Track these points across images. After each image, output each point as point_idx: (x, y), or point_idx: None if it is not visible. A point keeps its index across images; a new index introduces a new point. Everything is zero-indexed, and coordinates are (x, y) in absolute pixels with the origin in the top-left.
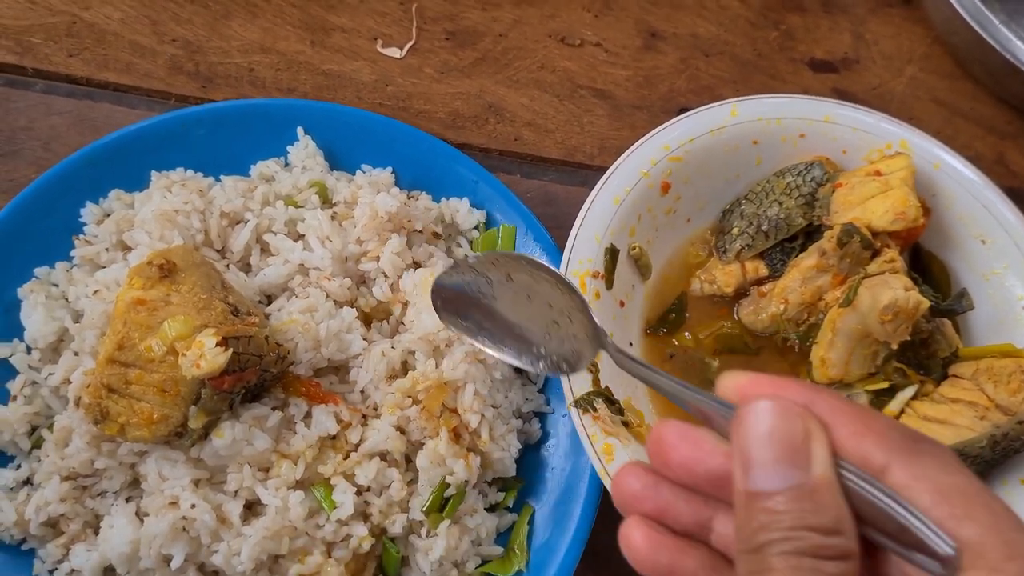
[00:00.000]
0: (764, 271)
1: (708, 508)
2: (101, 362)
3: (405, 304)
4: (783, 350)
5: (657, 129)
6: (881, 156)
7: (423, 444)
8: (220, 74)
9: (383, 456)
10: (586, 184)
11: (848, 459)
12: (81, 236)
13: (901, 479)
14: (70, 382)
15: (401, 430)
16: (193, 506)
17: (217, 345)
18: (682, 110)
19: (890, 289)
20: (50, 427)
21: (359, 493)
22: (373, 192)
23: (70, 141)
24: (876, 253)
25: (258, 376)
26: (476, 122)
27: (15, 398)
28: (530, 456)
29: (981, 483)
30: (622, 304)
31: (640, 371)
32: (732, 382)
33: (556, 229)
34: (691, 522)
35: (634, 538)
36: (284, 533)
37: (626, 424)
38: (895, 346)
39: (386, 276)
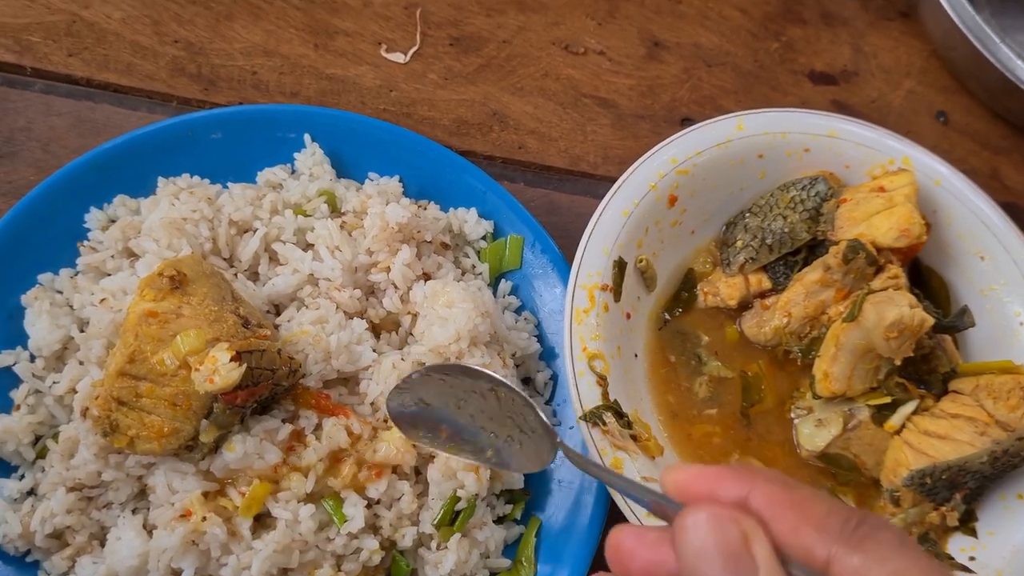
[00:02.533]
0: (767, 284)
1: None
2: (111, 375)
3: (415, 316)
4: (784, 363)
5: (664, 142)
6: (884, 172)
7: (434, 457)
8: (222, 76)
9: (393, 469)
10: (589, 193)
11: (791, 554)
12: (86, 243)
13: (847, 570)
14: (75, 391)
15: (412, 443)
16: (204, 519)
17: (231, 360)
18: (684, 120)
19: (896, 306)
20: (55, 437)
21: (369, 506)
22: (383, 202)
23: (70, 143)
24: (880, 269)
25: (270, 390)
26: (480, 129)
27: (19, 407)
28: None
29: (929, 559)
30: (628, 316)
31: (593, 470)
32: (672, 479)
33: (560, 238)
34: None
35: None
36: (294, 547)
37: (634, 438)
38: (898, 362)
39: (396, 287)
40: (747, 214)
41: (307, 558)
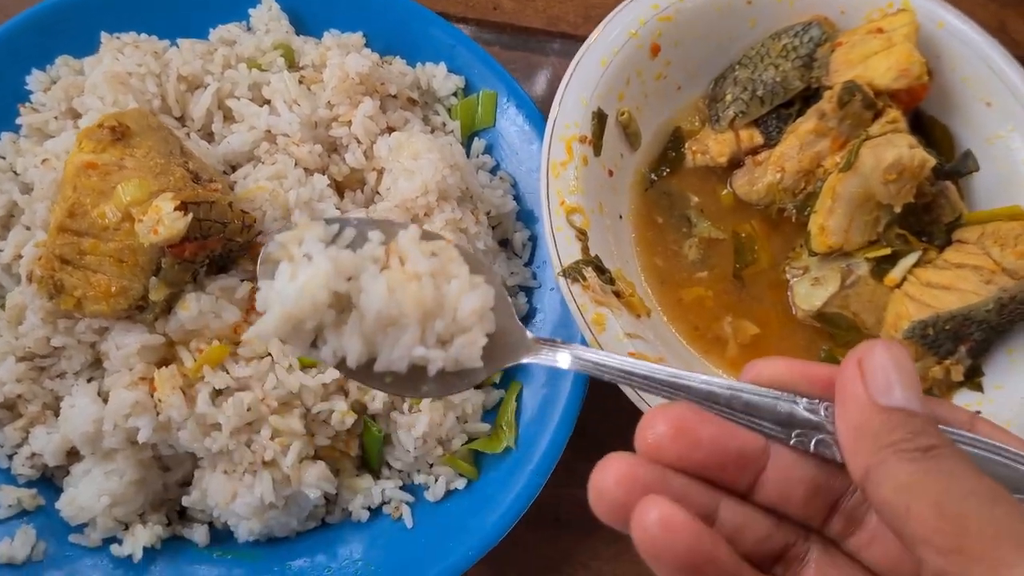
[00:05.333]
0: (759, 139)
1: (713, 495)
2: (52, 231)
3: (380, 171)
4: (778, 222)
5: None
6: (882, 14)
7: None
8: None
9: None
10: (570, 56)
11: None
12: (27, 104)
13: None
14: (21, 257)
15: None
16: (160, 401)
17: (176, 210)
18: None
19: (894, 147)
20: (1, 305)
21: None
22: (343, 54)
23: (10, 5)
24: (878, 114)
25: (223, 245)
26: None
27: None
28: None
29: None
30: (611, 173)
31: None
32: (773, 368)
33: (539, 102)
34: (701, 512)
35: (666, 520)
36: (261, 414)
37: (617, 294)
38: (898, 209)
39: (359, 142)
40: (736, 66)
41: (278, 424)
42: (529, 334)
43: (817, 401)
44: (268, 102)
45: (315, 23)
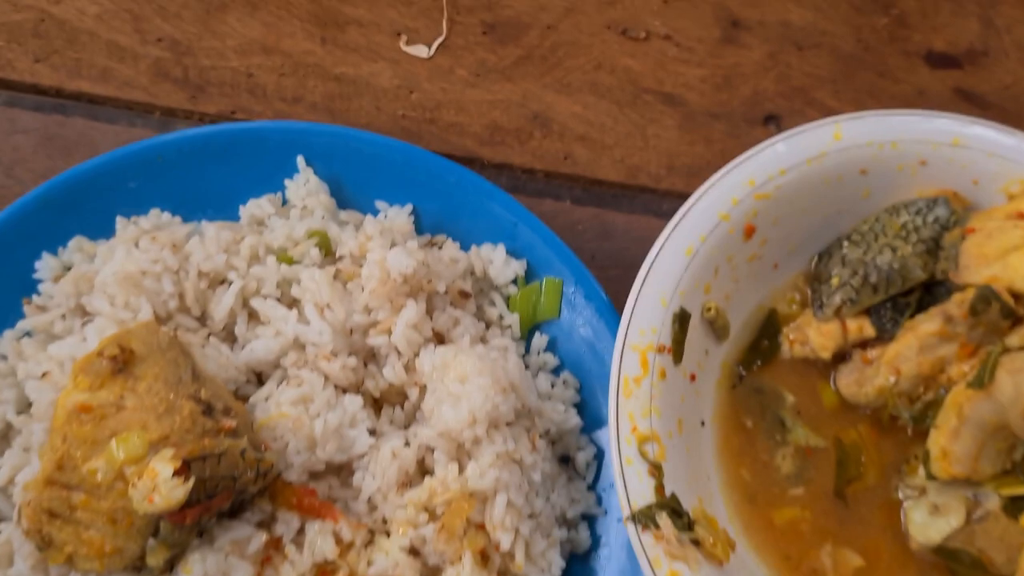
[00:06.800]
0: (870, 332)
1: None
2: (39, 482)
3: (423, 388)
4: (890, 428)
5: (740, 159)
6: (1022, 189)
7: (442, 571)
8: (213, 81)
9: None
10: (650, 211)
11: None
12: (33, 301)
13: None
14: (15, 484)
15: (415, 552)
16: None
17: (175, 474)
18: (769, 119)
19: None
20: None
21: None
22: (386, 244)
23: (36, 165)
24: (1017, 321)
25: (233, 499)
26: (518, 136)
27: None
28: (576, 569)
29: None
30: (693, 378)
31: None
32: None
33: (613, 268)
34: None
35: None
36: None
37: (696, 543)
38: None
39: (399, 353)
40: (845, 243)
41: None
42: None
43: None
44: (297, 303)
45: (360, 191)
